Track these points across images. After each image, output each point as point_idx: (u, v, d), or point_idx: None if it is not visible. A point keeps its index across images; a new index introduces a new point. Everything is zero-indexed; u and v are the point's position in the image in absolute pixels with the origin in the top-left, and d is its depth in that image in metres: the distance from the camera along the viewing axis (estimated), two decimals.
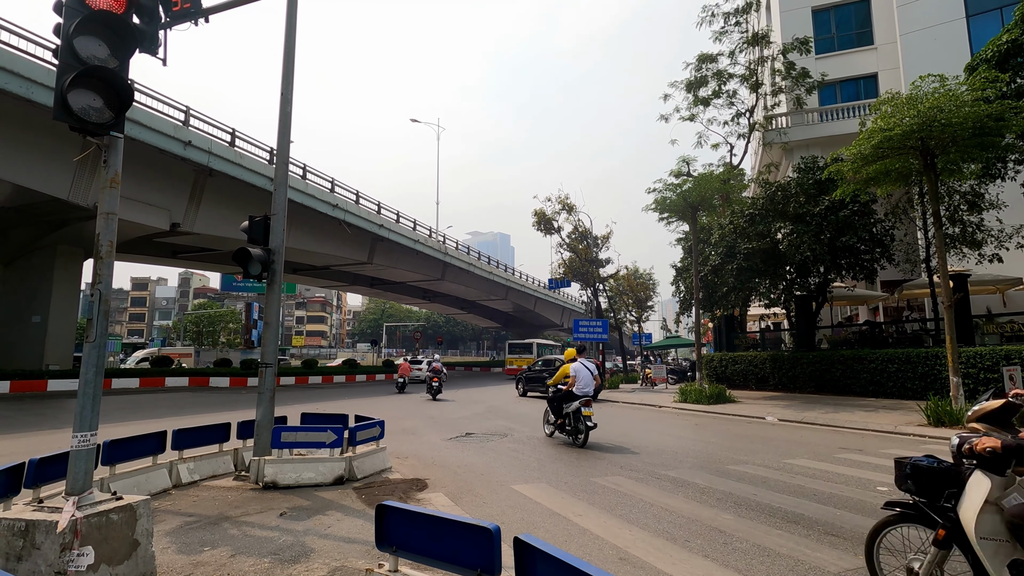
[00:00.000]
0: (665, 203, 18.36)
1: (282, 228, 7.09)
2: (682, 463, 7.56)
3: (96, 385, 3.65)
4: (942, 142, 10.47)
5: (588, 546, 4.28)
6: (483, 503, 5.66)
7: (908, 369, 14.37)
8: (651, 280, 39.56)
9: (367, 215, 29.82)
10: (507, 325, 70.54)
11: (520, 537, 2.33)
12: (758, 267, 17.19)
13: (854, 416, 11.73)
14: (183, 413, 14.66)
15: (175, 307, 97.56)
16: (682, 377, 28.15)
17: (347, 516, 5.14)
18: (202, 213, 22.86)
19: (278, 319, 7.18)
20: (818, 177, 16.55)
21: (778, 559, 3.94)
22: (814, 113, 22.43)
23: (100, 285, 3.68)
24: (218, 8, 6.22)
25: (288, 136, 7.37)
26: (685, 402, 16.25)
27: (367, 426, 7.08)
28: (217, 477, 6.75)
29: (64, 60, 3.64)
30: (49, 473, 4.41)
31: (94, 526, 3.28)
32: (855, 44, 23.35)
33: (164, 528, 4.71)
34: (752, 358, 19.71)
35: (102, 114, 3.69)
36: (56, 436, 10.20)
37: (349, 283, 42.30)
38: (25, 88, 15.25)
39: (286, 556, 4.06)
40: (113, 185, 3.83)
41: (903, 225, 17.65)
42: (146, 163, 19.55)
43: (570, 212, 31.54)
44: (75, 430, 3.55)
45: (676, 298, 25.48)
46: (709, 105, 22.98)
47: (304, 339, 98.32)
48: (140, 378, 25.42)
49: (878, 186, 12.21)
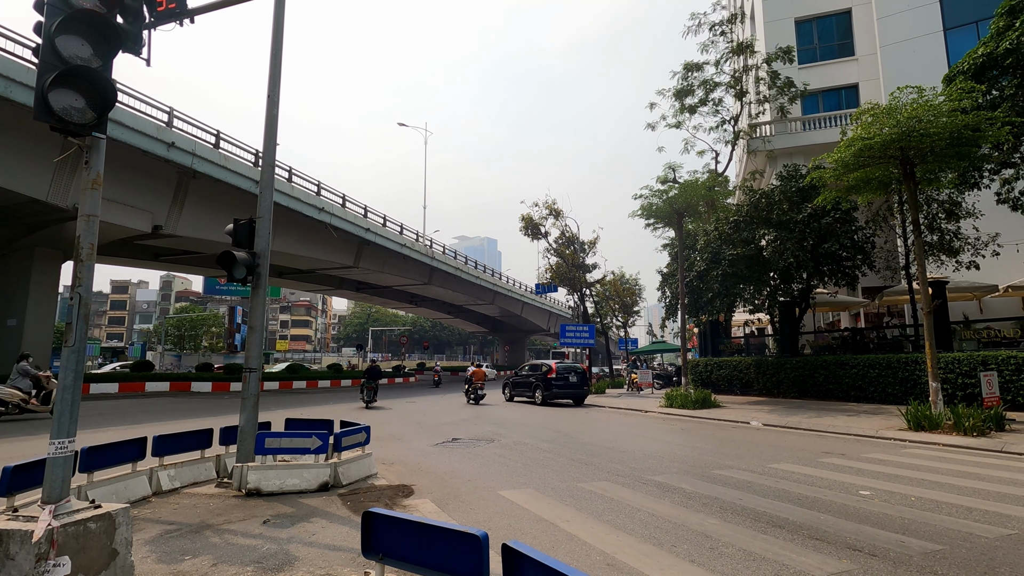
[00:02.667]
0: (652, 209, 18.52)
1: (268, 231, 7.01)
2: (668, 468, 7.59)
3: (75, 390, 3.56)
4: (921, 151, 10.71)
5: (576, 552, 4.27)
6: (470, 509, 5.62)
7: (889, 374, 14.60)
8: (637, 286, 39.84)
9: (354, 219, 29.65)
10: (494, 330, 70.50)
11: (508, 544, 2.32)
12: (743, 273, 17.39)
13: (836, 421, 11.89)
14: (164, 419, 14.39)
15: (156, 311, 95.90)
16: (668, 382, 28.33)
17: (332, 523, 5.08)
18: (185, 215, 22.54)
19: (263, 323, 7.09)
20: (801, 185, 16.81)
21: (764, 563, 3.97)
22: (797, 122, 22.80)
23: (80, 288, 3.60)
24: (204, 9, 6.16)
25: (275, 138, 7.31)
26: (671, 407, 16.34)
27: (353, 432, 7.01)
28: (199, 484, 6.63)
29: (45, 59, 3.57)
30: (24, 481, 4.29)
31: (71, 535, 3.20)
32: (837, 55, 23.83)
33: (144, 537, 4.61)
34: (737, 363, 19.90)
35: (84, 114, 3.62)
36: (32, 443, 9.95)
37: (335, 287, 41.97)
38: (3, 86, 14.95)
39: (269, 564, 3.99)
40: (95, 187, 3.75)
41: (883, 232, 17.98)
42: (128, 165, 19.25)
43: (557, 217, 31.70)
44: (52, 436, 3.47)
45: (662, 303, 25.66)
46: (695, 113, 23.27)
47: (288, 343, 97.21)
48: (120, 383, 24.93)
49: (859, 194, 12.44)
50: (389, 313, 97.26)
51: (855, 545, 4.30)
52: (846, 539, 4.45)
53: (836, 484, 6.42)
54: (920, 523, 4.86)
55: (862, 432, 10.44)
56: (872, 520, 4.96)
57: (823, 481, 6.60)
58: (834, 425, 11.32)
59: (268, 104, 7.23)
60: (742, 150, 24.71)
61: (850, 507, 5.40)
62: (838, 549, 4.22)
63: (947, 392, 12.38)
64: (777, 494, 5.98)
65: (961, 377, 12.48)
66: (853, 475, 6.92)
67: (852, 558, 4.04)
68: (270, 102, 7.23)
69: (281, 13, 7.30)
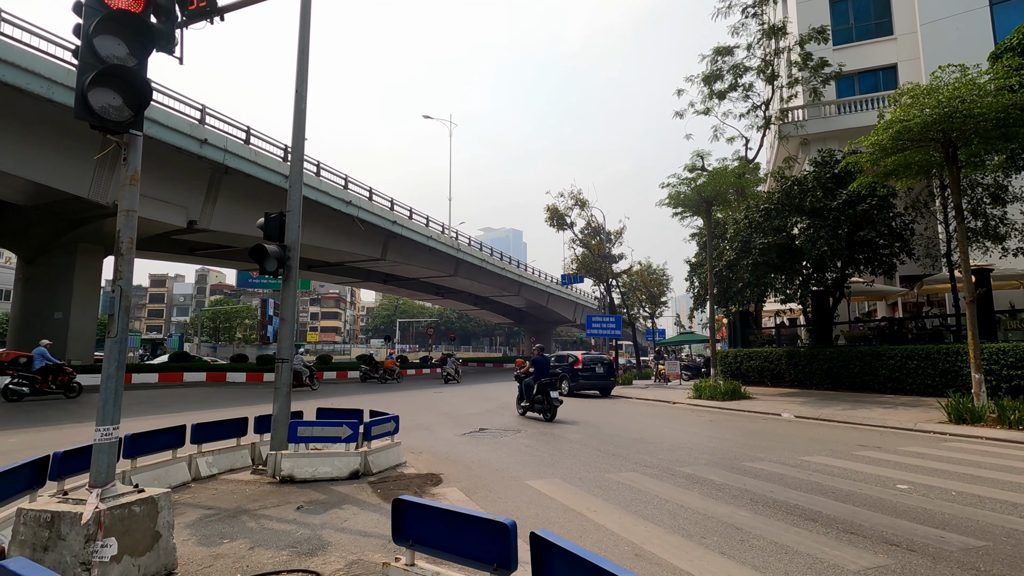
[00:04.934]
0: (679, 198, 18.21)
1: (297, 225, 7.14)
2: (697, 459, 7.51)
3: (118, 380, 3.71)
4: (964, 133, 10.24)
5: (603, 542, 4.27)
6: (497, 498, 5.67)
7: (928, 366, 14.13)
8: (664, 276, 39.30)
9: (380, 211, 29.96)
10: (520, 321, 70.57)
11: (537, 532, 2.33)
12: (774, 262, 16.99)
13: (872, 413, 11.57)
14: (201, 407, 14.88)
15: (192, 303, 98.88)
16: (696, 373, 27.97)
17: (363, 510, 5.18)
18: (218, 210, 23.13)
19: (294, 315, 7.24)
20: (835, 171, 16.29)
21: (796, 557, 3.90)
22: (831, 105, 22.06)
23: (121, 281, 3.73)
24: (233, 6, 6.26)
25: (303, 133, 7.42)
26: (699, 398, 16.15)
27: (382, 421, 7.12)
28: (235, 471, 6.84)
29: (84, 59, 3.69)
30: (73, 466, 4.50)
31: (117, 518, 3.34)
32: (874, 34, 22.89)
33: (184, 520, 4.79)
34: (768, 354, 19.51)
35: (122, 112, 3.74)
36: (78, 430, 10.41)
37: (363, 279, 42.57)
38: (46, 88, 15.51)
39: (303, 549, 4.10)
40: (133, 183, 3.88)
41: (923, 219, 17.32)
42: (163, 161, 19.81)
43: (583, 208, 31.43)
44: (98, 424, 3.62)
45: (690, 294, 25.28)
46: (724, 99, 22.71)
47: (318, 335, 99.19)
48: (159, 373, 25.85)
49: (898, 179, 11.99)
50: (416, 305, 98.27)
51: (892, 540, 4.19)
52: (882, 533, 4.34)
53: (872, 477, 6.26)
54: (961, 518, 4.70)
55: (899, 425, 10.14)
56: (910, 515, 4.82)
57: (858, 474, 6.43)
58: (870, 417, 11.02)
59: (296, 99, 7.33)
60: (773, 136, 24.05)
61: (887, 501, 5.26)
62: (874, 543, 4.12)
63: (991, 384, 11.90)
64: (810, 487, 5.86)
65: (1006, 368, 11.99)
66: (890, 468, 6.73)
67: (889, 553, 3.93)
68: (298, 97, 7.34)
69: (307, 11, 7.38)
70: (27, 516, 3.30)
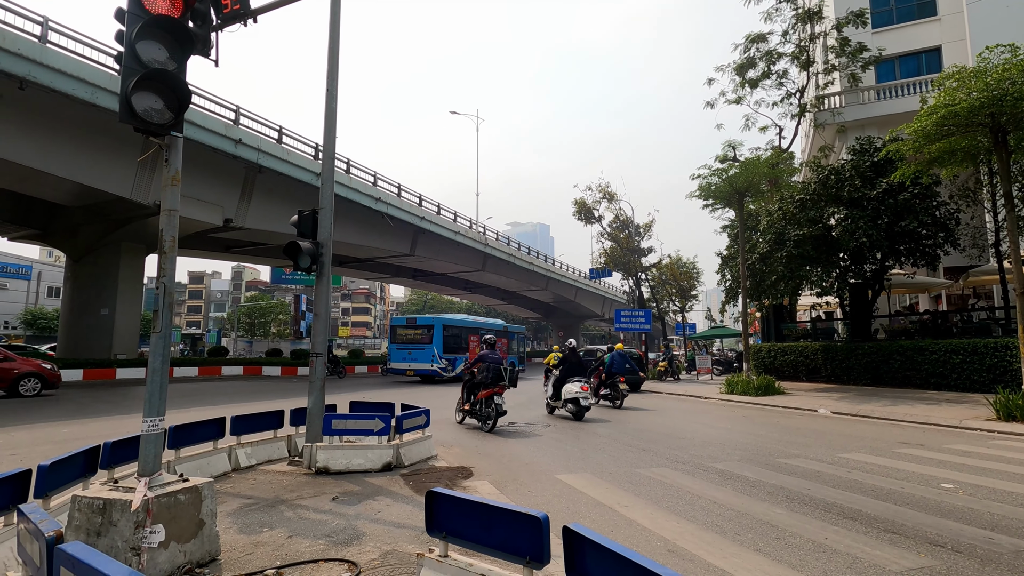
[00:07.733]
0: (710, 189, 17.81)
1: (330, 222, 7.27)
2: (730, 456, 7.39)
3: (163, 373, 3.85)
4: (1015, 117, 9.74)
5: (635, 537, 4.25)
6: (528, 492, 5.69)
7: (974, 360, 13.56)
8: (695, 269, 38.68)
9: (409, 208, 30.26)
10: (548, 315, 70.42)
11: (570, 526, 2.33)
12: (809, 254, 16.50)
13: (914, 409, 11.18)
14: (239, 400, 15.34)
15: (228, 299, 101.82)
16: (728, 368, 27.42)
17: (396, 502, 5.27)
18: (252, 209, 23.74)
19: (328, 310, 7.38)
20: (875, 159, 15.72)
21: (835, 556, 3.81)
22: (870, 91, 21.26)
23: (164, 278, 3.87)
24: (266, 8, 6.39)
25: (334, 132, 7.53)
26: (732, 393, 15.87)
27: (413, 415, 7.22)
28: (272, 462, 7.04)
29: (127, 64, 3.82)
30: (122, 455, 4.69)
31: (164, 505, 3.48)
32: (916, 16, 21.95)
33: (226, 509, 4.96)
34: (803, 348, 19.03)
35: (163, 115, 3.86)
36: (125, 421, 10.87)
37: (392, 275, 43.10)
38: (91, 93, 16.14)
39: (339, 539, 4.20)
40: (174, 183, 4.01)
41: (970, 208, 16.59)
42: (200, 162, 20.41)
43: (611, 201, 31.12)
44: (145, 415, 3.77)
45: (721, 287, 24.82)
46: (757, 87, 22.10)
47: (350, 330, 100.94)
48: (199, 367, 26.78)
49: (942, 167, 11.51)
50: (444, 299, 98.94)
51: (937, 540, 4.05)
52: (926, 534, 4.20)
53: (914, 476, 6.06)
54: (1012, 519, 4.51)
55: (944, 422, 9.77)
56: (956, 515, 4.65)
57: (900, 472, 6.23)
58: (911, 414, 10.65)
59: (327, 98, 7.44)
60: (808, 124, 23.33)
61: (931, 500, 5.08)
62: (917, 544, 3.99)
63: None
64: (848, 485, 5.71)
65: None
66: (934, 467, 6.50)
67: (933, 554, 3.81)
68: (328, 96, 7.44)
69: (337, 12, 7.48)
70: (81, 503, 3.46)
